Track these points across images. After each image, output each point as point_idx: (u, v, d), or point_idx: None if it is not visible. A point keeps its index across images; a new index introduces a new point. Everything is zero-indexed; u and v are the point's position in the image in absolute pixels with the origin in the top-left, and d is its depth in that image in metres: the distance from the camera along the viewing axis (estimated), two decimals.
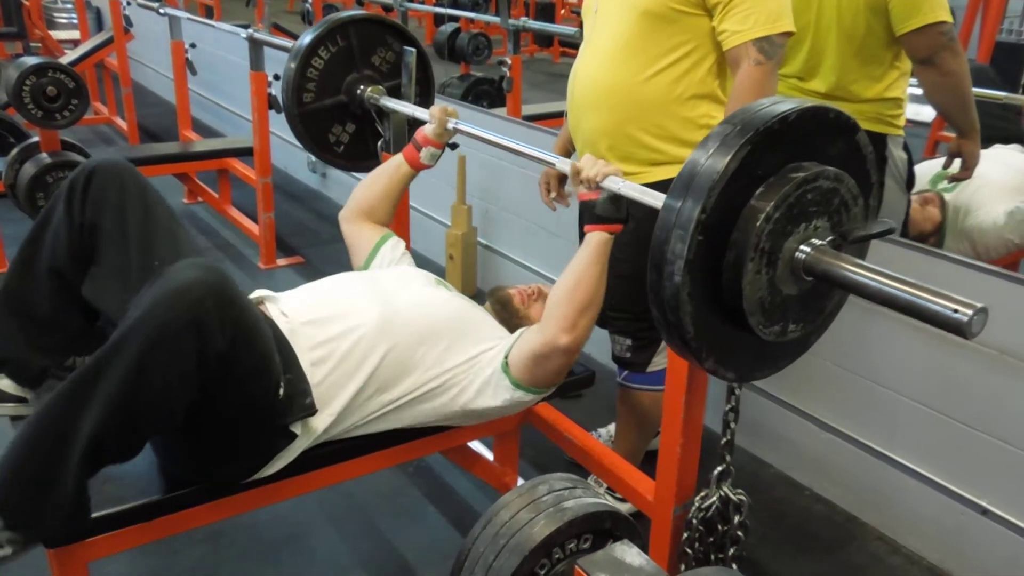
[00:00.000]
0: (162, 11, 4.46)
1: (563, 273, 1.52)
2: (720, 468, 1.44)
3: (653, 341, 1.94)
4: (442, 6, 6.42)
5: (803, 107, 1.07)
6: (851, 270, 1.06)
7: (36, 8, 5.83)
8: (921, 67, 2.09)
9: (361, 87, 2.16)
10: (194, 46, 4.36)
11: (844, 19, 2.10)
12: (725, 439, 1.44)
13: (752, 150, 1.03)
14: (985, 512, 1.89)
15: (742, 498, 1.46)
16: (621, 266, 1.69)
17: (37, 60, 2.57)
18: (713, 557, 1.48)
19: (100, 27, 7.06)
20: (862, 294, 1.06)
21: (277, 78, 2.59)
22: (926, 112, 2.45)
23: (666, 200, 1.07)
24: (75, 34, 6.53)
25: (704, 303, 1.08)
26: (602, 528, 1.23)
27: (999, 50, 3.97)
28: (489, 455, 2.06)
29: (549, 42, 8.56)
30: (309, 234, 4.14)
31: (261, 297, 1.61)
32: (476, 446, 2.03)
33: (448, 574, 1.26)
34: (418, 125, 1.93)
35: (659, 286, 1.07)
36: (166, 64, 5.01)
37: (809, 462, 2.30)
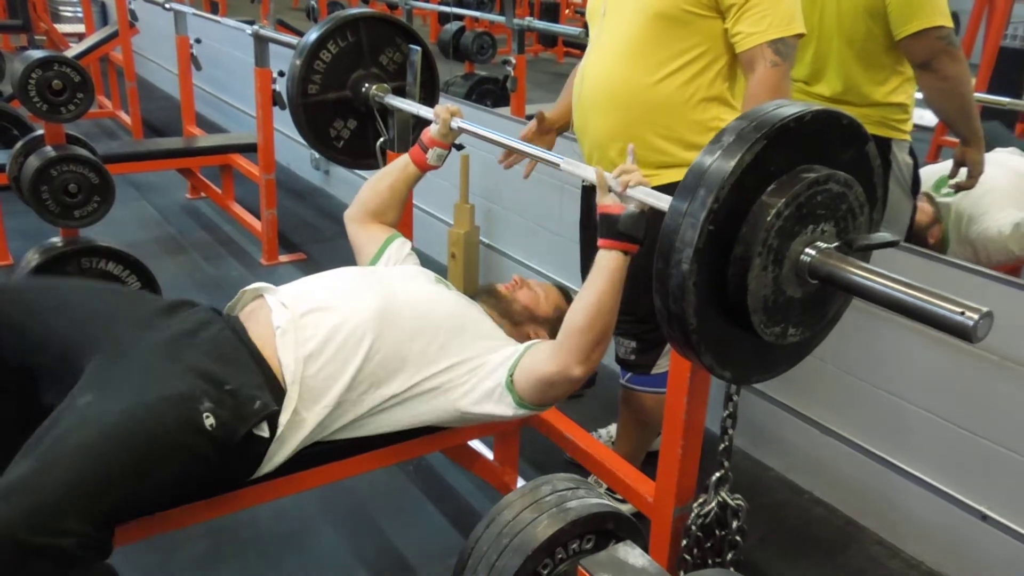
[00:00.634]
0: (167, 6, 4.48)
1: (579, 296, 1.47)
2: (718, 474, 1.45)
3: (658, 343, 1.94)
4: (447, 5, 6.42)
5: (818, 110, 1.07)
6: (857, 273, 1.06)
7: (41, 1, 5.83)
8: (920, 72, 2.09)
9: (366, 84, 2.16)
10: (199, 41, 4.36)
11: (844, 23, 2.10)
12: (723, 445, 1.44)
13: (767, 146, 1.04)
14: (985, 517, 1.90)
15: (740, 503, 1.46)
16: (628, 266, 1.68)
17: (43, 53, 2.56)
18: (711, 562, 1.49)
19: (105, 21, 7.05)
20: (868, 297, 1.06)
21: (281, 74, 2.60)
22: (929, 116, 2.43)
23: (678, 190, 1.07)
24: (80, 28, 6.53)
25: (708, 296, 1.08)
26: (605, 529, 1.22)
27: (1003, 56, 3.95)
28: (489, 454, 2.06)
29: (553, 42, 8.55)
30: (312, 231, 4.14)
31: (260, 289, 1.61)
32: (476, 445, 2.03)
33: (448, 573, 1.26)
34: (423, 125, 1.93)
35: (666, 274, 1.07)
36: (171, 59, 5.00)
37: (810, 466, 2.30)
